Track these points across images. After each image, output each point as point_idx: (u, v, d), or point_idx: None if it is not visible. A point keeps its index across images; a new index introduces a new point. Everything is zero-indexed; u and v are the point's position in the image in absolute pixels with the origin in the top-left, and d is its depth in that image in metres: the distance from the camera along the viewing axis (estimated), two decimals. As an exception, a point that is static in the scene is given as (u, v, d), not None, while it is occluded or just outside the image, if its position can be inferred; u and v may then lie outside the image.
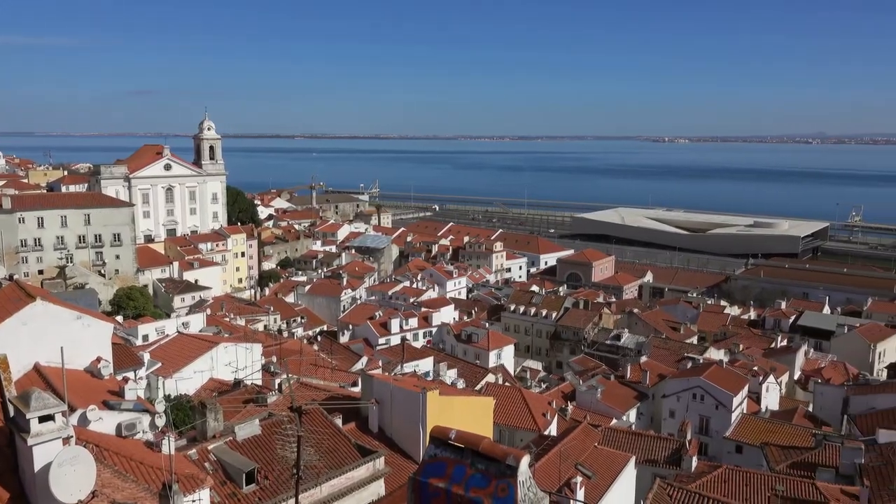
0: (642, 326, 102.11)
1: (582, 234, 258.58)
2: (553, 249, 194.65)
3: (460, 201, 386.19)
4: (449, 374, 68.97)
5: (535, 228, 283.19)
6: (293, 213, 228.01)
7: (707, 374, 69.00)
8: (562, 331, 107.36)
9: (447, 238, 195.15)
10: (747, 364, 79.03)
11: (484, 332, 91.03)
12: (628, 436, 58.49)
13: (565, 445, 43.88)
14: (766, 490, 43.22)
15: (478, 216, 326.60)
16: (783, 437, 59.77)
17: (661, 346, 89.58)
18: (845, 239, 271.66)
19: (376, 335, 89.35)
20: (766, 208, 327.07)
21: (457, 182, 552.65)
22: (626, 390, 74.07)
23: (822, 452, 51.94)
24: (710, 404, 67.65)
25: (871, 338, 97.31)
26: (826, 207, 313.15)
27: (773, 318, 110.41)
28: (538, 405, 61.77)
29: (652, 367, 77.56)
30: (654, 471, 51.01)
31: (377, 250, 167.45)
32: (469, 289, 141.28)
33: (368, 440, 34.94)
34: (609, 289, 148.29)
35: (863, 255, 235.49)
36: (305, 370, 54.76)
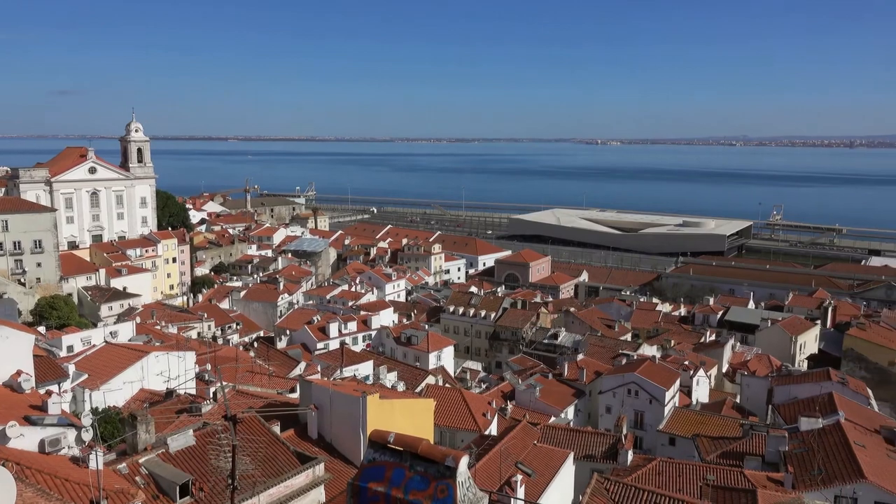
0: (579, 325, 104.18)
1: (519, 235, 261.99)
2: (491, 250, 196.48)
3: (398, 203, 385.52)
4: (389, 378, 68.67)
5: (472, 230, 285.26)
6: (227, 217, 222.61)
7: (641, 369, 70.93)
8: (500, 331, 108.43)
9: (385, 241, 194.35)
10: (678, 359, 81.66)
11: (423, 335, 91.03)
12: (567, 433, 59.49)
13: (505, 444, 44.32)
14: (697, 480, 44.69)
15: (416, 218, 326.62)
16: (713, 429, 61.96)
17: (596, 343, 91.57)
18: (767, 237, 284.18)
19: (314, 340, 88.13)
20: (694, 208, 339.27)
21: (394, 184, 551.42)
22: (563, 388, 75.37)
23: (749, 442, 54.16)
24: (644, 399, 69.58)
25: (793, 330, 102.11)
26: (749, 207, 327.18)
27: (702, 314, 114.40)
28: (478, 405, 62.18)
29: (588, 365, 79.19)
30: (591, 466, 52.03)
31: (314, 254, 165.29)
32: (408, 291, 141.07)
33: (308, 447, 34.42)
34: (546, 288, 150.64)
35: (784, 252, 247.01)
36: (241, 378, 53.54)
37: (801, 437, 50.52)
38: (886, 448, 50.30)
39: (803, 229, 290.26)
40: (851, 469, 43.92)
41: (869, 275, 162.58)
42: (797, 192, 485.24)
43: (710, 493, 41.23)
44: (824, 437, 49.33)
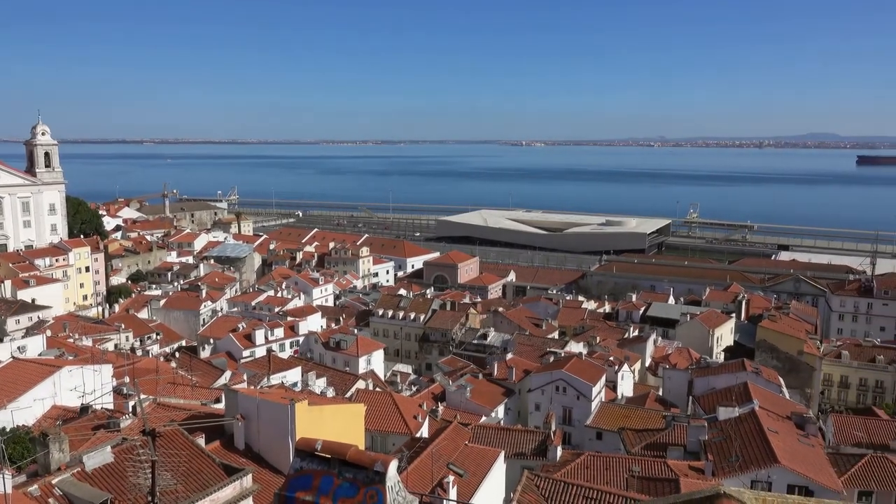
0: (507, 324, 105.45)
1: (447, 237, 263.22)
2: (419, 252, 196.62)
3: (325, 207, 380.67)
4: (318, 384, 67.59)
5: (400, 232, 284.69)
6: (144, 224, 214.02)
7: (568, 366, 72.42)
8: (430, 333, 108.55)
9: (312, 245, 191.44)
10: (604, 355, 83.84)
11: (353, 339, 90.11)
12: (497, 431, 60.08)
13: (437, 446, 44.31)
14: (623, 472, 45.95)
15: (343, 221, 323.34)
16: (638, 422, 63.91)
17: (525, 342, 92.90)
18: (685, 234, 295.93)
19: (240, 348, 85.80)
20: (616, 207, 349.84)
21: (320, 187, 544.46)
22: (493, 387, 76.09)
23: (671, 433, 56.16)
24: (571, 395, 71.06)
25: (710, 324, 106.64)
26: (667, 205, 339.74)
27: (625, 311, 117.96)
28: (409, 408, 61.98)
29: (517, 364, 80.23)
30: (522, 463, 52.69)
31: (238, 259, 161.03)
32: (336, 295, 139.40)
33: (235, 458, 33.40)
34: (475, 289, 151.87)
35: (700, 248, 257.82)
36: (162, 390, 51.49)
37: (720, 426, 52.75)
38: (797, 433, 53.15)
39: (718, 226, 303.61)
40: (766, 454, 46.15)
41: (778, 269, 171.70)
42: (712, 190, 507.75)
43: (635, 485, 42.45)
44: (740, 425, 51.68)
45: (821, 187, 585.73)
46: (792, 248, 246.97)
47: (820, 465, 47.83)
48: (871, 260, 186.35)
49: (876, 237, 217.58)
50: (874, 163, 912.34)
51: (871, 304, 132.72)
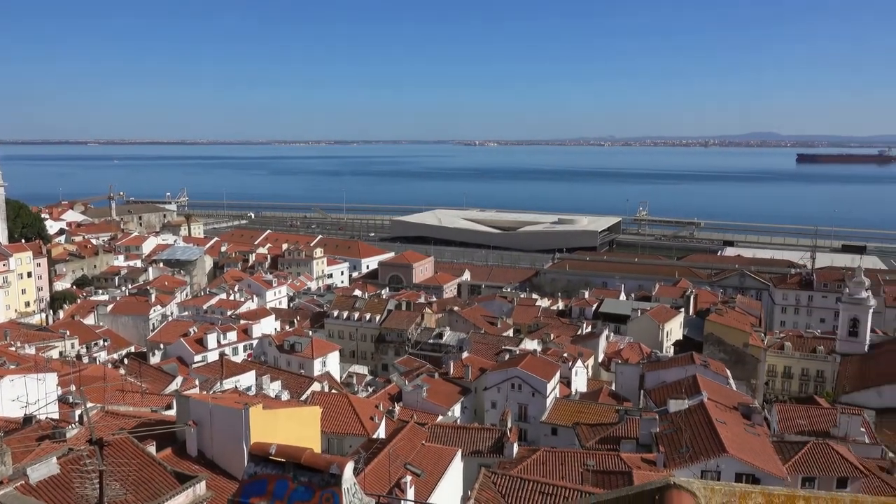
0: (462, 323, 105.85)
1: (402, 237, 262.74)
2: (374, 253, 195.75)
3: (277, 208, 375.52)
4: (273, 387, 66.71)
5: (355, 233, 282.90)
6: (89, 227, 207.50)
7: (523, 364, 73.12)
8: (386, 333, 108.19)
9: (265, 246, 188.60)
10: (558, 352, 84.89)
11: (307, 341, 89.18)
12: (454, 430, 60.27)
13: (394, 447, 44.23)
14: (578, 466, 46.68)
15: (296, 223, 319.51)
16: (592, 416, 64.99)
17: (480, 340, 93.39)
18: (635, 232, 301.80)
19: (191, 353, 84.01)
20: (568, 206, 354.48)
21: (273, 188, 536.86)
22: (450, 386, 76.30)
23: (624, 426, 57.29)
24: (527, 392, 71.77)
25: (660, 319, 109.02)
26: (618, 203, 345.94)
27: (578, 308, 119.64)
28: (365, 409, 61.69)
29: (473, 362, 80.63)
30: (479, 461, 53.02)
31: (188, 263, 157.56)
32: (290, 297, 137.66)
33: (187, 465, 32.73)
34: (430, 289, 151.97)
35: (650, 245, 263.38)
36: (111, 397, 50.06)
37: (670, 419, 54.07)
38: (744, 423, 54.83)
39: (666, 224, 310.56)
40: (714, 445, 47.49)
41: (724, 264, 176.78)
42: (660, 188, 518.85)
43: (590, 478, 43.18)
44: (690, 416, 53.05)
45: (763, 185, 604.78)
46: (737, 243, 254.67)
47: (766, 454, 49.45)
48: (811, 254, 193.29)
49: (815, 232, 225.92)
50: (813, 161, 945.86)
51: (812, 297, 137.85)
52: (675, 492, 6.26)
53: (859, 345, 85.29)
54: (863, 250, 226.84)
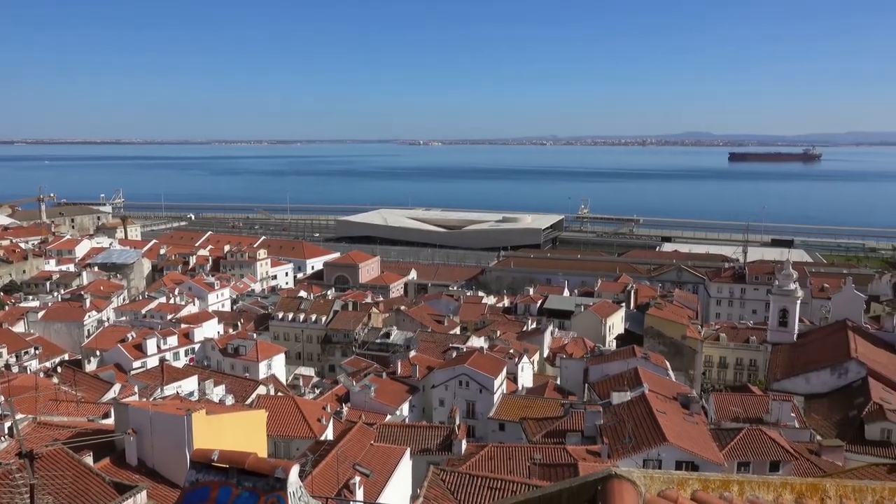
0: (409, 322, 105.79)
1: (347, 237, 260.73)
2: (319, 253, 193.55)
3: (218, 209, 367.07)
4: (216, 392, 65.24)
5: (299, 233, 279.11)
6: (17, 230, 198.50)
7: (470, 361, 73.60)
8: (332, 334, 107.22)
9: (206, 248, 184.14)
10: (504, 348, 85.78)
11: (252, 344, 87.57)
12: (402, 429, 60.22)
13: (342, 448, 43.92)
14: (526, 460, 47.30)
15: (238, 224, 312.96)
16: (538, 411, 65.86)
17: (427, 339, 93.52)
18: (577, 229, 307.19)
19: (130, 359, 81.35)
20: (512, 204, 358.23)
21: (213, 189, 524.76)
22: (398, 386, 76.18)
23: (569, 419, 58.29)
24: (474, 389, 72.27)
25: (602, 313, 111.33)
26: (560, 201, 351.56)
27: (523, 304, 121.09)
28: (313, 411, 61.01)
29: (420, 361, 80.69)
30: (428, 459, 53.13)
31: (125, 266, 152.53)
32: (233, 300, 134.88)
33: (127, 475, 31.76)
34: (376, 288, 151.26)
35: (592, 242, 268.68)
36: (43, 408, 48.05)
37: (614, 411, 55.32)
38: (683, 412, 56.55)
39: (607, 221, 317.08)
40: (656, 434, 48.83)
41: (662, 259, 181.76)
42: (601, 186, 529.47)
43: (537, 472, 43.79)
44: (632, 408, 54.40)
45: (698, 182, 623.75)
46: (674, 239, 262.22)
47: (704, 441, 51.14)
48: (743, 249, 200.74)
49: (746, 228, 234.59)
50: (744, 159, 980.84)
51: (744, 290, 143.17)
52: (615, 482, 6.43)
53: (788, 334, 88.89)
54: (790, 244, 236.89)
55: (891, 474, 47.79)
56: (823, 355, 78.04)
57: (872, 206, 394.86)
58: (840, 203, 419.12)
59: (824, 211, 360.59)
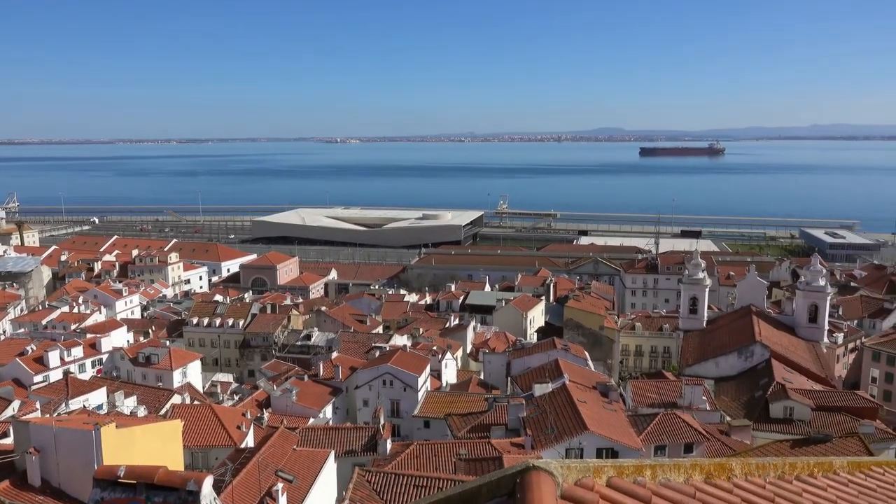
0: (331, 323, 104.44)
1: (264, 238, 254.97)
2: (235, 255, 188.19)
3: (125, 212, 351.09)
4: (127, 403, 62.30)
5: (213, 235, 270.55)
6: None
7: (393, 360, 73.35)
8: (251, 338, 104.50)
9: (112, 253, 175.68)
10: (427, 345, 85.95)
11: (164, 352, 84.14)
12: (326, 432, 59.40)
13: (263, 455, 42.89)
14: (451, 456, 47.55)
15: (147, 227, 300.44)
16: (462, 406, 66.38)
17: (350, 339, 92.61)
18: (497, 225, 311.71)
19: (30, 373, 76.55)
20: (432, 201, 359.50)
21: (119, 190, 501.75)
22: (320, 388, 75.04)
23: (493, 413, 59.06)
24: (398, 387, 72.08)
25: (523, 307, 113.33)
26: (479, 198, 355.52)
27: (445, 301, 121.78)
28: (232, 419, 59.24)
29: (343, 362, 79.79)
30: (353, 460, 52.61)
31: (22, 275, 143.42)
32: (143, 306, 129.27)
33: (30, 497, 29.92)
34: (296, 290, 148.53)
35: (511, 237, 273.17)
36: (-67, 430, 44.53)
37: (536, 402, 56.41)
38: (602, 401, 58.29)
39: (526, 216, 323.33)
40: (577, 424, 50.11)
41: (579, 253, 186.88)
42: (519, 182, 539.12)
43: (463, 467, 44.13)
44: (554, 399, 55.64)
45: (611, 177, 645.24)
46: (590, 233, 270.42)
47: (622, 428, 52.88)
48: (655, 240, 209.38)
49: (658, 220, 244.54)
50: (653, 154, 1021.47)
51: (657, 280, 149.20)
52: (533, 473, 6.46)
53: (698, 321, 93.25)
54: (699, 235, 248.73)
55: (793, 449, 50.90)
56: (731, 340, 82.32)
57: (772, 197, 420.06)
58: (743, 195, 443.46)
59: (729, 202, 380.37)
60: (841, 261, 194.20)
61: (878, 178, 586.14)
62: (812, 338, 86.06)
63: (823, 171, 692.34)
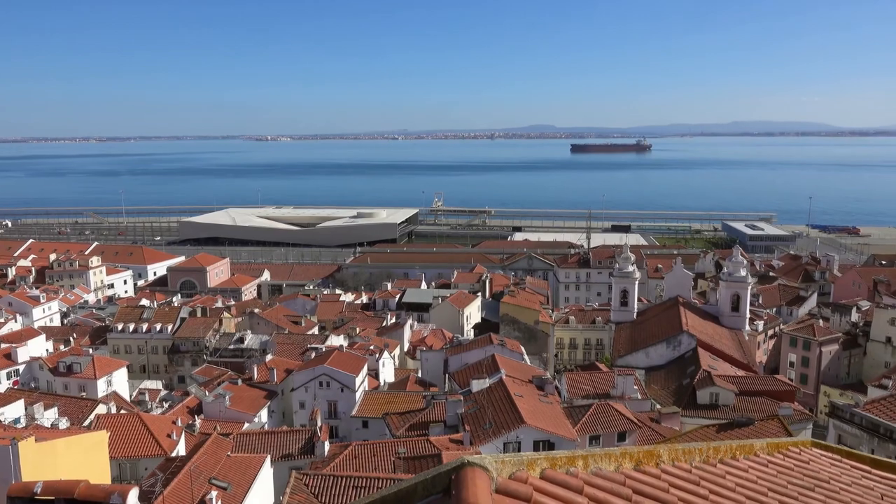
0: (265, 325, 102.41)
1: (193, 239, 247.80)
2: (162, 258, 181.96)
3: (41, 214, 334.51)
4: (47, 416, 59.38)
5: (138, 237, 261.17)
6: None
7: (330, 360, 72.53)
8: (180, 343, 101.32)
9: (27, 258, 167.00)
10: (364, 345, 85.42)
11: (87, 360, 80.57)
12: (262, 436, 58.26)
13: (195, 462, 41.67)
14: (390, 455, 47.41)
15: (66, 229, 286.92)
16: (401, 405, 66.25)
17: (284, 341, 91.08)
18: (432, 222, 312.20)
19: (-60, 387, 72.07)
20: (366, 199, 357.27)
21: (34, 191, 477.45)
22: (255, 392, 73.52)
23: (432, 411, 59.16)
24: (335, 388, 71.34)
25: (459, 304, 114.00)
26: (414, 195, 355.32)
27: (382, 300, 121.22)
28: (161, 427, 57.35)
29: (278, 364, 78.42)
30: (290, 464, 51.78)
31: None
32: (63, 313, 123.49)
33: (-61, 519, 28.04)
34: (227, 292, 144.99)
35: (447, 234, 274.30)
36: None
37: (474, 398, 56.83)
38: (538, 394, 59.23)
39: (461, 213, 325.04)
40: (514, 418, 50.74)
41: (514, 249, 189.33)
42: (453, 179, 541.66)
43: (402, 465, 44.03)
44: (491, 394, 56.18)
45: (544, 173, 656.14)
46: (524, 229, 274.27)
47: (558, 420, 53.89)
48: (587, 235, 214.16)
49: (589, 215, 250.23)
50: (584, 151, 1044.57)
51: (589, 274, 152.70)
52: (468, 469, 6.47)
53: (629, 313, 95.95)
54: (628, 229, 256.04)
55: (719, 433, 53.02)
56: (660, 330, 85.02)
57: (696, 192, 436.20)
58: (669, 190, 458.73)
59: (656, 197, 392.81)
60: (760, 252, 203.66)
61: (792, 173, 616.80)
62: (735, 326, 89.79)
63: (743, 167, 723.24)
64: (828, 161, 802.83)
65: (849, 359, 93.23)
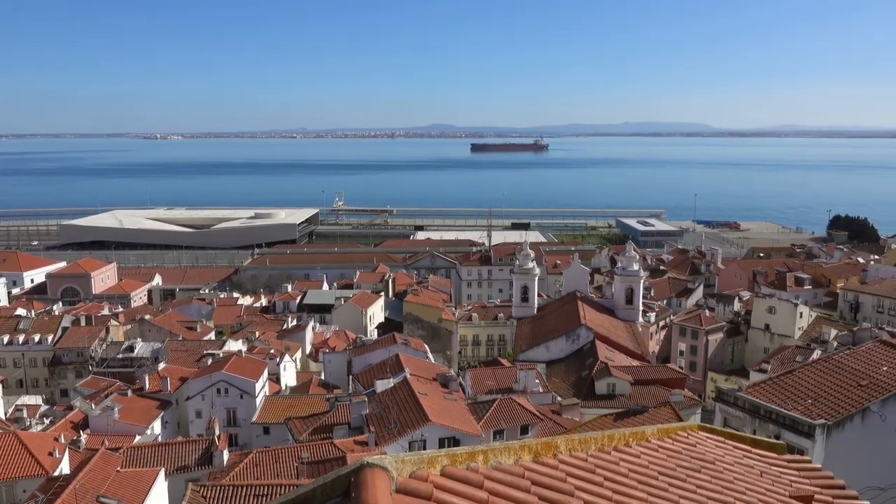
0: (156, 332, 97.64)
1: (75, 243, 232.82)
2: (40, 264, 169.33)
3: None
4: None
5: (12, 242, 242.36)
6: None
7: (228, 366, 70.04)
8: (62, 354, 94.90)
9: None
10: (264, 349, 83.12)
11: (-44, 376, 74.02)
12: (154, 449, 55.45)
13: (81, 481, 39.12)
14: (293, 461, 46.33)
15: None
16: (303, 409, 64.93)
17: (178, 348, 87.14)
18: (333, 222, 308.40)
19: None
20: (264, 199, 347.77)
21: None
22: (147, 402, 69.86)
23: (336, 413, 58.33)
24: (234, 395, 68.95)
25: (362, 304, 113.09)
26: (314, 195, 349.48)
27: (282, 302, 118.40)
28: (42, 445, 53.38)
29: (172, 372, 74.93)
30: (186, 476, 49.58)
31: None
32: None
33: None
34: (114, 298, 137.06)
35: (348, 234, 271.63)
36: None
37: (378, 398, 56.48)
38: (442, 391, 59.62)
39: (362, 212, 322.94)
40: (419, 416, 50.80)
41: (416, 247, 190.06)
42: (354, 179, 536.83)
43: (305, 470, 43.14)
44: (396, 393, 56.02)
45: (444, 172, 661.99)
46: (426, 227, 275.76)
47: (463, 417, 54.45)
48: (488, 233, 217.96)
49: (489, 213, 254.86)
50: (484, 150, 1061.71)
51: (491, 271, 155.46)
52: (367, 471, 6.34)
53: (530, 308, 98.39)
54: (527, 227, 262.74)
55: (616, 422, 55.28)
56: (559, 325, 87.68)
57: (591, 190, 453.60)
58: (565, 188, 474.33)
59: (553, 195, 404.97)
60: (651, 247, 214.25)
61: (679, 171, 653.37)
62: (629, 318, 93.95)
63: (634, 165, 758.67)
64: (710, 160, 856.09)
65: (732, 346, 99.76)
